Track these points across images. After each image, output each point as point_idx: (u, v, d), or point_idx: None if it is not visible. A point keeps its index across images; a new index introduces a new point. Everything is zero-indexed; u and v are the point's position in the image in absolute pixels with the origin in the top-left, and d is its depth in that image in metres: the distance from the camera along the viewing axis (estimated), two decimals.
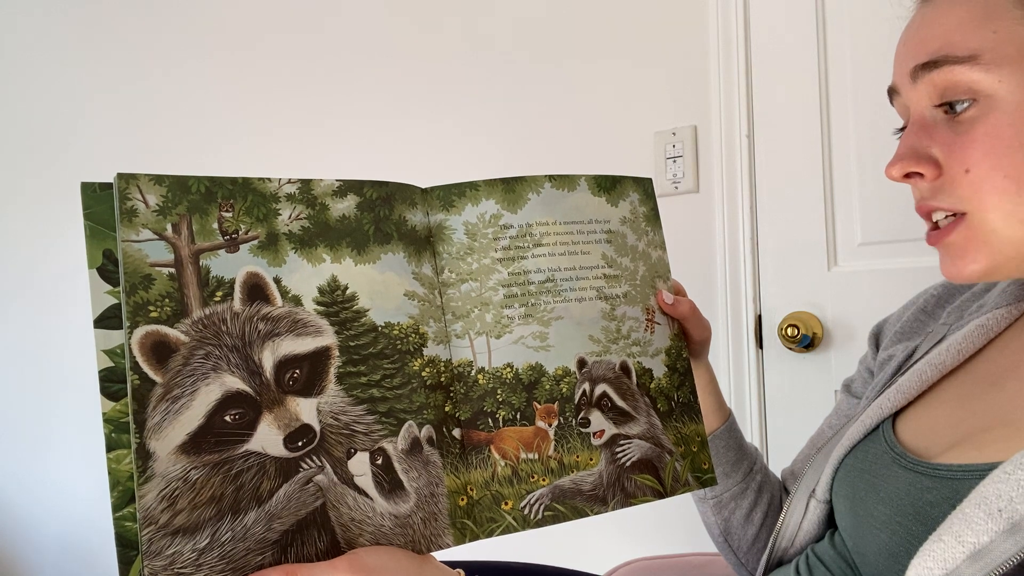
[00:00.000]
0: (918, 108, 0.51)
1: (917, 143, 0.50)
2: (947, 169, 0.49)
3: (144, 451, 0.41)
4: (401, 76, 1.60)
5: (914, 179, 0.51)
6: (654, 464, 0.54)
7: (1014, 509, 0.37)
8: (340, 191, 0.48)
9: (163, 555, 0.40)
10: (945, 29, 0.48)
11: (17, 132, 2.11)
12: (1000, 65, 0.46)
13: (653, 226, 0.59)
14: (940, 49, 0.48)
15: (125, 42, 1.95)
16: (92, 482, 1.96)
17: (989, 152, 0.46)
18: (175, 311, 0.43)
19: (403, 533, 0.46)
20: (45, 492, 2.03)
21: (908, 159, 0.50)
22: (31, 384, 2.06)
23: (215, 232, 0.45)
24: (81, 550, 1.98)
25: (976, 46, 0.46)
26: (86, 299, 1.93)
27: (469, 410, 0.50)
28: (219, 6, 1.83)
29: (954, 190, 0.48)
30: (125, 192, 0.43)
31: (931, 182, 0.50)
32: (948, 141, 0.48)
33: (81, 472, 1.98)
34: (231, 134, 1.80)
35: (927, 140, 0.50)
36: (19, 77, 2.12)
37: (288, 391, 0.44)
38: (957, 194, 0.48)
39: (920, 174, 0.50)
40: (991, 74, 0.46)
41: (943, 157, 0.49)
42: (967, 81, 0.47)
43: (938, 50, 0.48)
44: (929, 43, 0.49)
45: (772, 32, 1.26)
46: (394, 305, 0.48)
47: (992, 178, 0.46)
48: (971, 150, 0.47)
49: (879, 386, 0.62)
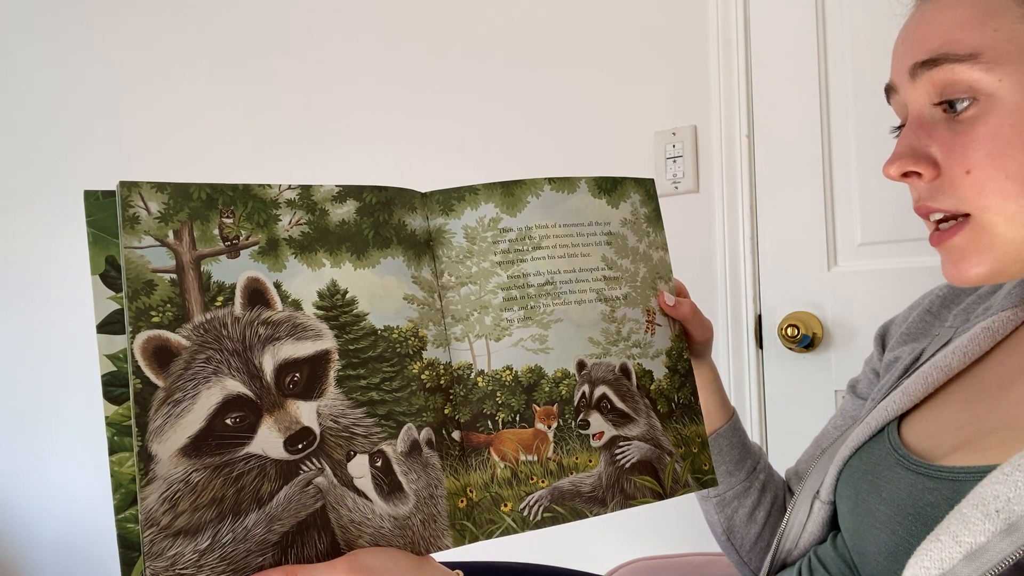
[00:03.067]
0: (916, 106, 0.50)
1: (915, 142, 0.49)
2: (946, 169, 0.48)
3: (146, 454, 0.41)
4: (400, 77, 1.61)
5: (912, 179, 0.50)
6: (654, 465, 0.54)
7: (1011, 510, 0.38)
8: (340, 196, 0.49)
9: (165, 556, 0.41)
10: (946, 27, 0.47)
11: (19, 138, 2.12)
12: (1001, 64, 0.45)
13: (655, 227, 0.59)
14: (940, 47, 0.47)
15: (127, 48, 1.96)
16: (92, 482, 1.97)
17: (991, 153, 0.46)
18: (177, 316, 0.43)
19: (402, 535, 0.46)
20: (45, 492, 2.04)
21: (906, 158, 0.49)
22: (31, 385, 2.06)
23: (216, 238, 0.45)
24: (81, 550, 1.99)
25: (977, 44, 0.46)
26: (86, 302, 1.93)
27: (468, 412, 0.51)
28: (220, 12, 1.83)
29: (954, 191, 0.48)
30: (128, 199, 0.43)
31: (929, 182, 0.49)
32: (947, 141, 0.48)
33: (81, 473, 1.99)
34: (232, 140, 1.81)
35: (926, 139, 0.49)
36: (20, 83, 2.12)
37: (288, 394, 0.45)
38: (958, 195, 0.48)
39: (918, 174, 0.49)
40: (992, 73, 0.45)
41: (942, 157, 0.48)
42: (967, 80, 0.46)
43: (938, 48, 0.47)
44: (929, 41, 0.48)
45: (772, 32, 1.26)
46: (393, 309, 0.49)
47: (995, 179, 0.46)
48: (972, 151, 0.46)
49: (885, 388, 0.62)
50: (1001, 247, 0.47)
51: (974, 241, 0.48)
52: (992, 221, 0.47)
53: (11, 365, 2.10)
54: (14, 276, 2.11)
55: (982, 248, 0.48)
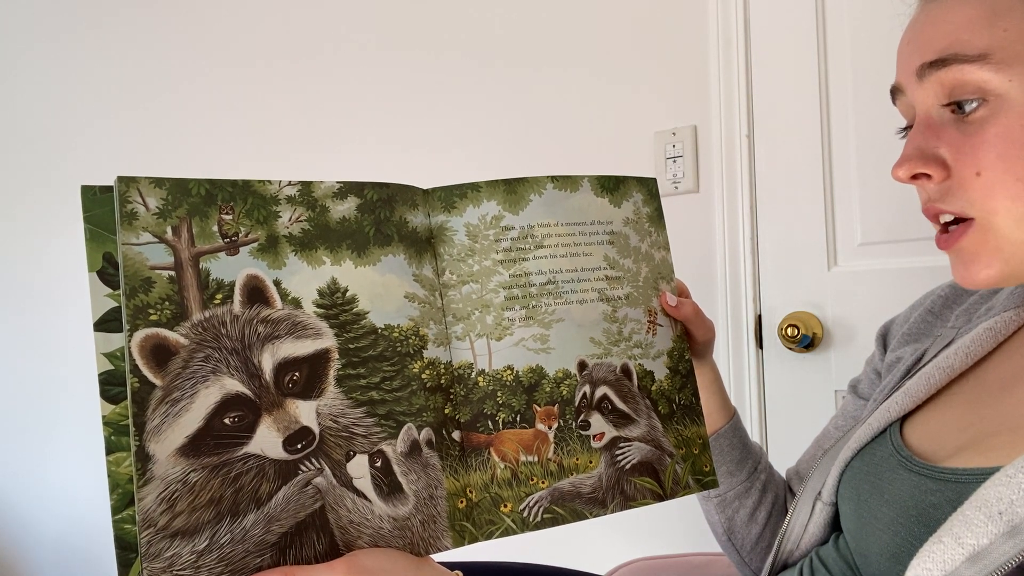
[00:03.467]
0: (924, 107, 0.50)
1: (924, 144, 0.49)
2: (956, 171, 0.48)
3: (143, 454, 0.41)
4: (401, 76, 1.60)
5: (921, 180, 0.50)
6: (654, 467, 0.54)
7: (1014, 512, 0.37)
8: (340, 193, 0.48)
9: (162, 557, 0.40)
10: (953, 27, 0.47)
11: (17, 134, 2.11)
12: (1011, 64, 0.45)
13: (657, 227, 0.59)
14: (948, 47, 0.47)
15: (125, 44, 1.95)
16: (92, 482, 1.96)
17: (1002, 155, 0.45)
18: (175, 314, 0.43)
19: (402, 535, 0.46)
20: (45, 492, 2.03)
21: (915, 160, 0.49)
22: (31, 385, 2.06)
23: (215, 235, 0.45)
24: (81, 550, 1.99)
25: (986, 45, 0.46)
26: (85, 300, 1.93)
27: (469, 412, 0.50)
28: (220, 9, 1.83)
29: (964, 193, 0.47)
30: (125, 195, 0.43)
31: (939, 183, 0.49)
32: (957, 142, 0.47)
33: (81, 473, 1.98)
34: (231, 135, 1.80)
35: (934, 140, 0.48)
36: (18, 79, 2.12)
37: (287, 393, 0.44)
38: (967, 197, 0.47)
39: (928, 175, 0.49)
40: (1001, 74, 0.45)
41: (952, 159, 0.48)
42: (976, 81, 0.46)
43: (946, 48, 0.47)
44: (936, 41, 0.48)
45: (772, 32, 1.26)
46: (394, 307, 0.48)
47: (1004, 181, 0.45)
48: (982, 152, 0.46)
49: (887, 389, 0.61)
50: (1010, 250, 0.47)
51: (982, 243, 0.47)
52: (1001, 223, 0.46)
53: (11, 364, 2.09)
54: (13, 275, 2.10)
55: (991, 250, 0.47)
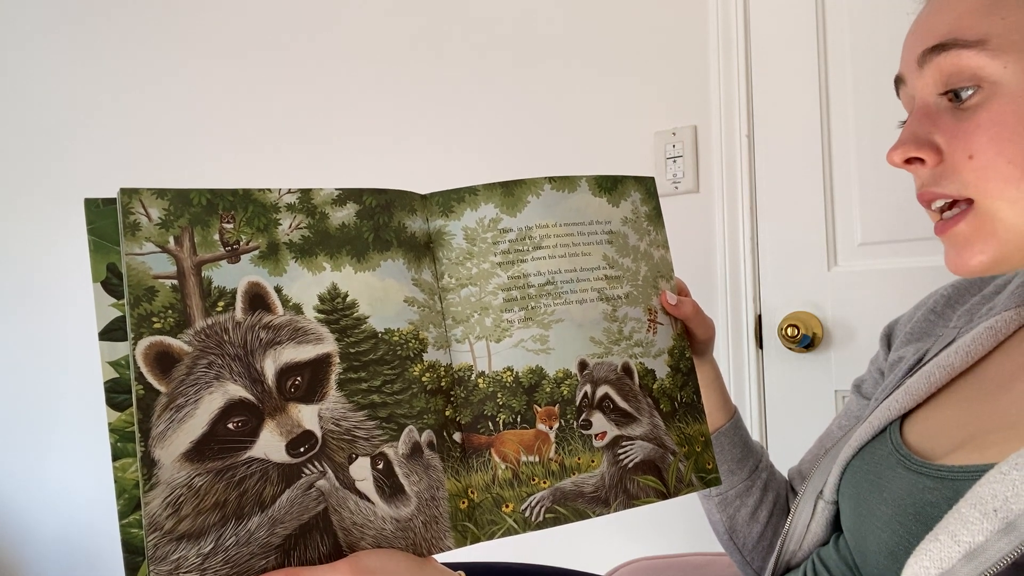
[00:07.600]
0: (923, 95, 0.51)
1: (919, 129, 0.50)
2: (949, 155, 0.49)
3: (149, 459, 0.41)
4: (400, 79, 1.61)
5: (915, 165, 0.51)
6: (657, 465, 0.54)
7: (1009, 509, 0.38)
8: (340, 200, 0.49)
9: (168, 560, 0.41)
10: (955, 14, 0.48)
11: (18, 143, 2.12)
12: (1007, 51, 0.46)
13: (655, 225, 0.59)
14: (949, 33, 0.48)
15: (126, 53, 1.96)
16: (92, 483, 1.97)
17: (993, 138, 0.46)
18: (178, 322, 0.43)
19: (404, 536, 0.46)
20: (45, 493, 2.04)
21: (910, 144, 0.50)
22: (31, 386, 2.07)
23: (216, 243, 0.45)
24: (81, 550, 1.99)
25: (985, 31, 0.47)
26: (86, 305, 1.94)
27: (469, 414, 0.51)
28: (220, 16, 1.84)
29: (956, 176, 0.48)
30: (128, 207, 0.44)
31: (932, 168, 0.50)
32: (951, 127, 0.49)
33: (81, 473, 1.99)
34: (232, 144, 1.81)
35: (929, 126, 0.50)
36: (19, 87, 2.13)
37: (290, 398, 0.45)
38: (960, 180, 0.48)
39: (921, 160, 0.50)
40: (997, 60, 0.46)
41: (945, 143, 0.49)
42: (973, 67, 0.47)
43: (947, 34, 0.48)
44: (938, 27, 0.49)
45: (772, 32, 1.26)
46: (394, 311, 0.49)
47: (996, 164, 0.46)
48: (975, 136, 0.47)
49: (889, 388, 0.62)
50: (1003, 234, 0.47)
51: (978, 228, 0.48)
52: (994, 206, 0.47)
53: (11, 367, 2.10)
54: (14, 277, 2.11)
55: (985, 235, 0.48)
